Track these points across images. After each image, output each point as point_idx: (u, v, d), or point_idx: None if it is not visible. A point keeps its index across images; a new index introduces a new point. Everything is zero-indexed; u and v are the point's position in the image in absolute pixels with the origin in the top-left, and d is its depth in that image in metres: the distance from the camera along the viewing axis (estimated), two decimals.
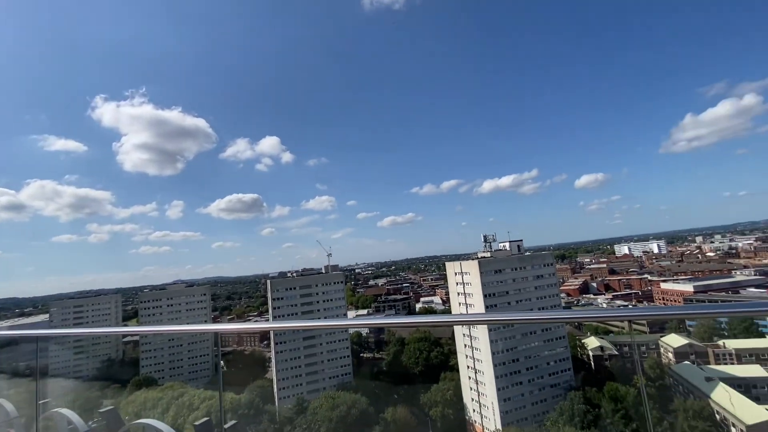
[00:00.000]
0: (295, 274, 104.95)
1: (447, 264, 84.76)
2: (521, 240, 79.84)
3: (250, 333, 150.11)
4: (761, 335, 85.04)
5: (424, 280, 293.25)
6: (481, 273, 71.74)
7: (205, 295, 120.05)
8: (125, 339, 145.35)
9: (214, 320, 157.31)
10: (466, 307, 75.47)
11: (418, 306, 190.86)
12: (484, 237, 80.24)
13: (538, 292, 75.68)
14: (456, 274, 78.17)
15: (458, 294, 77.91)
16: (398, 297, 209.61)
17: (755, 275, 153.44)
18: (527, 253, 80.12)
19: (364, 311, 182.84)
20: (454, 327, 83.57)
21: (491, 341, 69.50)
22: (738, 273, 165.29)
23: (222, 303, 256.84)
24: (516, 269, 74.86)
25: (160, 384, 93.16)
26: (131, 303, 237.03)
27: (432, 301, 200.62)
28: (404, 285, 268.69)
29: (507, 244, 79.69)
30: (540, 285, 76.18)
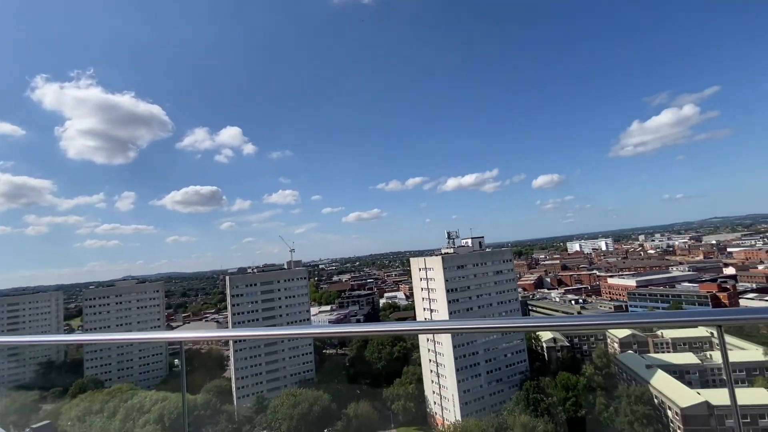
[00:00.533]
0: (255, 270, 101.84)
1: (411, 260, 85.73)
2: (482, 237, 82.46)
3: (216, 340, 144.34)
4: (694, 326, 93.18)
5: (388, 276, 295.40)
6: (444, 269, 73.21)
7: (158, 292, 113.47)
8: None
9: (168, 318, 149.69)
10: (429, 302, 76.77)
11: (382, 301, 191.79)
12: (448, 233, 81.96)
13: (498, 287, 78.42)
14: (420, 269, 79.25)
15: (422, 289, 79.07)
16: (362, 293, 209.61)
17: (689, 271, 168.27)
18: (488, 250, 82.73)
19: (328, 307, 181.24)
20: (417, 319, 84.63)
21: (452, 335, 71.17)
22: (674, 269, 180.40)
23: (177, 300, 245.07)
24: (477, 265, 77.10)
25: (107, 387, 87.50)
26: (74, 301, 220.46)
27: (396, 296, 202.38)
28: (368, 280, 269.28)
29: (469, 241, 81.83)
30: (499, 280, 78.97)
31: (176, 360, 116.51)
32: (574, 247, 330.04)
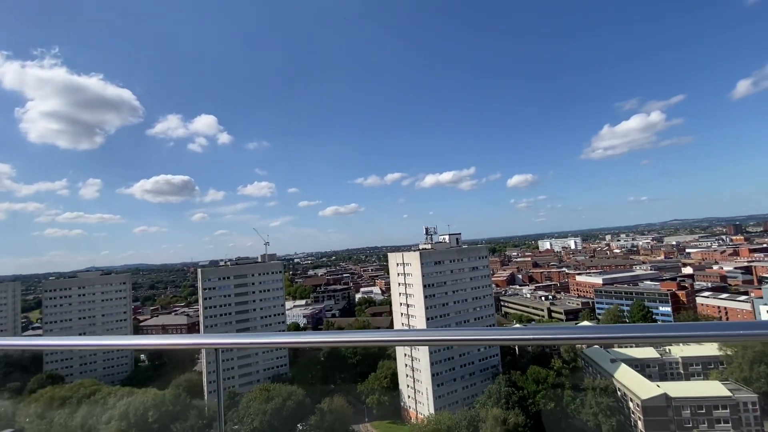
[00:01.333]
0: (229, 263, 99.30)
1: (389, 255, 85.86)
2: (459, 233, 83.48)
3: (196, 348, 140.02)
4: (654, 321, 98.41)
5: (364, 271, 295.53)
6: (422, 264, 73.76)
7: (124, 284, 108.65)
8: (26, 333, 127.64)
9: (135, 311, 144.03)
10: (406, 297, 77.25)
11: (358, 296, 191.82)
12: (426, 229, 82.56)
13: (473, 282, 79.78)
14: (398, 264, 79.52)
15: (399, 284, 79.42)
16: (338, 287, 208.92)
17: (651, 270, 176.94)
18: (464, 246, 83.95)
19: (303, 302, 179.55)
20: (393, 315, 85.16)
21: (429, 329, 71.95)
22: (637, 268, 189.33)
23: (145, 292, 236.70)
24: (454, 261, 78.12)
25: (68, 382, 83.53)
26: (33, 292, 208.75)
27: (372, 291, 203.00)
28: (344, 275, 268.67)
29: (447, 237, 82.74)
30: (475, 276, 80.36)
31: (142, 355, 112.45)
32: (545, 245, 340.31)
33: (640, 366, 70.91)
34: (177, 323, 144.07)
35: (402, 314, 79.03)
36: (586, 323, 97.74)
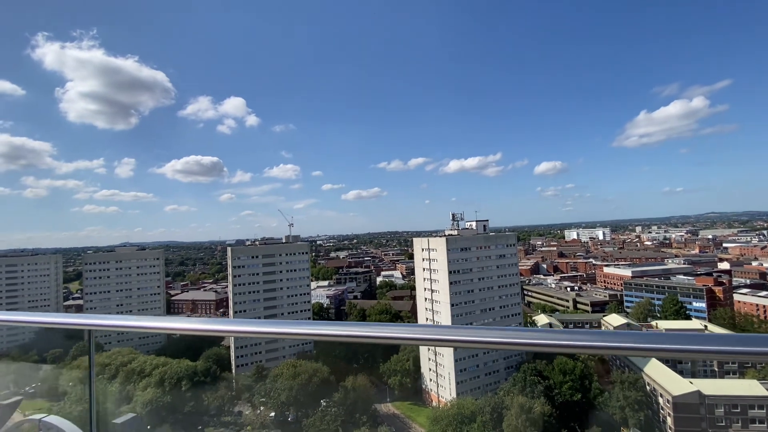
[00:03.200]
0: (257, 242, 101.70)
1: (414, 240, 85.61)
2: (487, 220, 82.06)
3: (213, 334, 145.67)
4: (688, 317, 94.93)
5: (385, 255, 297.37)
6: (448, 250, 73.20)
7: (158, 259, 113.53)
8: (66, 302, 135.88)
9: (167, 286, 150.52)
10: (431, 282, 77.17)
11: (379, 279, 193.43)
12: (453, 215, 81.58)
13: (500, 270, 78.75)
14: (423, 250, 79.25)
15: (423, 270, 79.30)
16: (359, 270, 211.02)
17: (684, 264, 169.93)
18: (492, 233, 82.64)
19: (325, 283, 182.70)
20: (417, 299, 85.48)
21: (453, 316, 72.02)
22: (670, 261, 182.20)
23: (175, 268, 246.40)
24: (481, 248, 77.16)
25: (107, 350, 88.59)
26: (72, 264, 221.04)
27: (392, 275, 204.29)
28: (365, 258, 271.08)
29: (474, 224, 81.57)
30: (501, 264, 79.25)
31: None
32: (571, 235, 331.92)
33: (672, 362, 68.85)
34: (206, 299, 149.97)
35: (426, 299, 79.16)
36: (614, 316, 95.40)
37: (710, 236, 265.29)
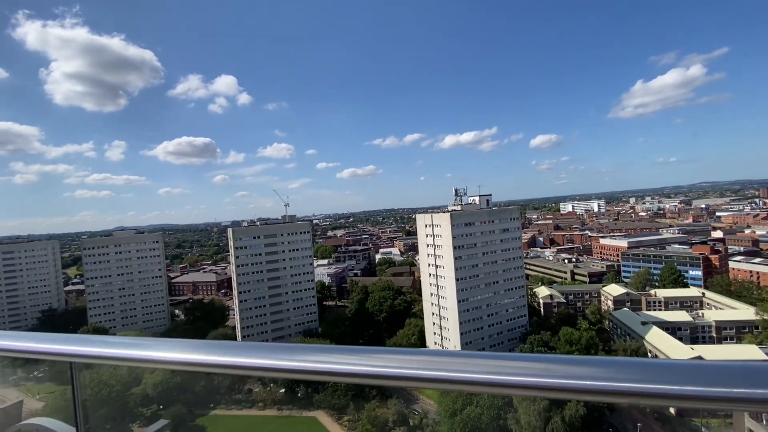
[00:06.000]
0: (257, 223, 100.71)
1: (417, 216, 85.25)
2: (490, 194, 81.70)
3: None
4: (686, 285, 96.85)
5: (382, 232, 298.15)
6: (452, 225, 73.00)
7: (157, 242, 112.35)
8: (67, 288, 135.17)
9: (166, 269, 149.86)
10: (435, 258, 77.36)
11: (378, 257, 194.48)
12: (456, 190, 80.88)
13: (503, 245, 79.07)
14: (426, 226, 79.01)
15: (427, 246, 79.32)
16: (358, 248, 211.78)
17: (679, 234, 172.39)
18: (495, 208, 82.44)
19: (325, 261, 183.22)
20: (421, 275, 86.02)
21: (458, 290, 72.60)
22: (664, 231, 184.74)
23: (172, 251, 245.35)
24: (485, 222, 77.08)
25: (111, 333, 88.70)
26: (67, 250, 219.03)
27: (391, 252, 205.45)
28: (363, 236, 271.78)
29: (477, 199, 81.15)
30: (505, 238, 79.50)
31: (176, 310, 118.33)
32: (566, 208, 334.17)
33: (671, 329, 70.61)
34: (207, 280, 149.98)
35: (430, 275, 79.56)
36: (613, 286, 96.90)
37: (703, 205, 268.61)
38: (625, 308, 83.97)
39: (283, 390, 72.30)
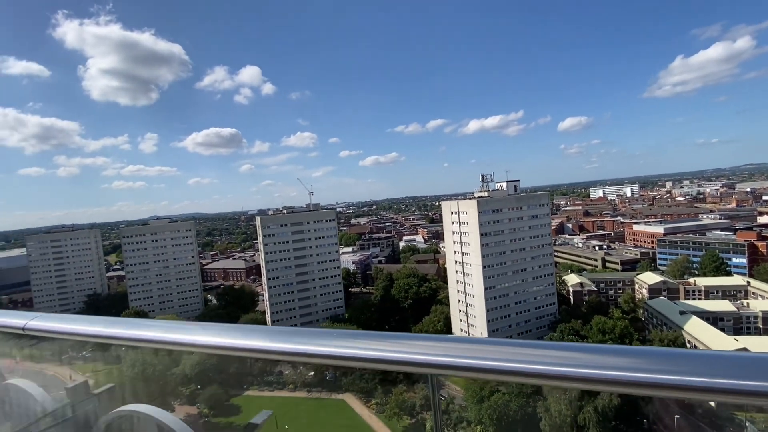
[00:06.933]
0: (284, 211, 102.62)
1: (443, 203, 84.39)
2: (518, 180, 79.62)
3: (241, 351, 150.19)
4: (729, 274, 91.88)
5: (405, 220, 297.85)
6: (479, 212, 71.82)
7: (189, 230, 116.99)
8: (109, 274, 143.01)
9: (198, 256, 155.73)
10: (461, 245, 76.59)
11: (401, 244, 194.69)
12: (482, 176, 79.25)
13: (532, 231, 77.22)
14: (452, 213, 78.10)
15: (453, 233, 78.54)
16: (382, 235, 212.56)
17: (720, 219, 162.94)
18: (523, 194, 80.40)
19: (349, 249, 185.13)
20: (447, 266, 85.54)
21: (485, 278, 71.79)
22: (705, 216, 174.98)
23: (202, 239, 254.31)
24: (513, 209, 75.40)
25: (151, 317, 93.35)
26: (107, 238, 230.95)
27: (414, 240, 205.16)
28: (386, 224, 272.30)
29: (504, 185, 79.24)
30: (534, 225, 77.57)
31: (209, 295, 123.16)
32: (597, 193, 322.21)
33: (713, 319, 67.40)
34: (236, 267, 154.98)
35: (456, 262, 78.95)
36: (648, 274, 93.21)
37: (748, 189, 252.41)
38: (661, 297, 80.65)
39: (312, 373, 74.52)
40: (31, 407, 4.04)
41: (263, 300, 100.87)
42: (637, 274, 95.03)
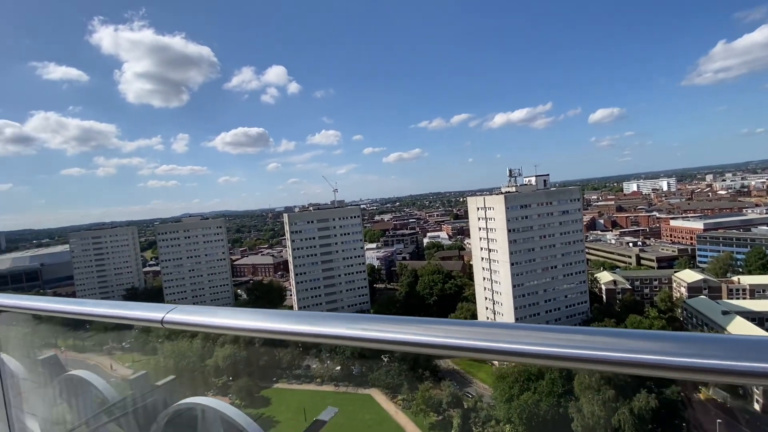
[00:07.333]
0: (310, 208, 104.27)
1: (468, 199, 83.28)
2: (548, 174, 77.39)
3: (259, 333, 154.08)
4: None
5: (429, 216, 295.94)
6: (506, 208, 70.41)
7: (220, 227, 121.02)
8: (145, 269, 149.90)
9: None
10: (488, 242, 75.38)
11: (425, 240, 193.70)
12: (510, 171, 77.50)
13: (562, 227, 75.04)
14: (479, 208, 76.92)
15: (480, 229, 77.37)
16: (405, 232, 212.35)
17: (767, 214, 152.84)
18: (553, 189, 78.17)
19: (373, 245, 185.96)
20: (473, 262, 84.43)
21: (512, 275, 70.44)
22: (749, 211, 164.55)
23: (232, 236, 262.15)
24: (542, 204, 73.45)
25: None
26: (143, 235, 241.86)
27: (438, 236, 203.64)
28: (410, 220, 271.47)
29: (533, 179, 77.24)
30: (564, 221, 75.32)
31: (239, 290, 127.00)
32: (631, 187, 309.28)
33: (759, 319, 63.55)
34: (265, 263, 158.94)
35: (483, 259, 77.82)
36: (687, 272, 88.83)
37: None
38: (701, 296, 76.71)
39: (339, 367, 75.47)
40: (95, 398, 4.20)
41: (291, 295, 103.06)
42: (675, 272, 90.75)
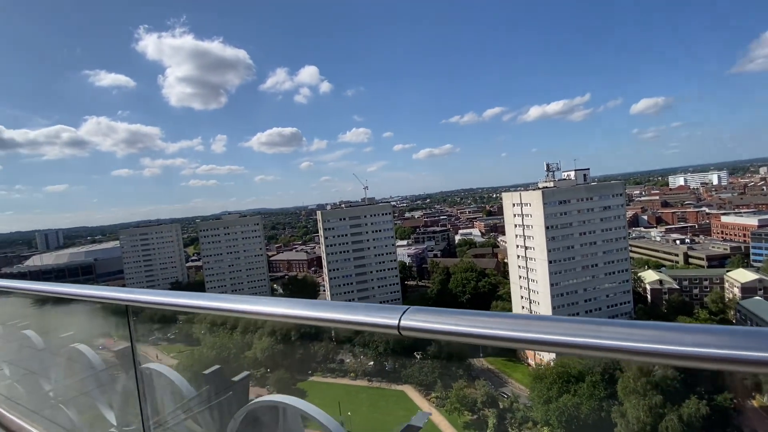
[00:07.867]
0: (343, 205, 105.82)
1: (504, 194, 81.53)
2: (588, 169, 74.31)
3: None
4: None
5: (461, 213, 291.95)
6: (544, 204, 68.31)
7: (257, 225, 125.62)
8: (188, 264, 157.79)
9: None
10: (524, 239, 73.54)
11: (457, 238, 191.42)
12: (547, 165, 74.99)
13: (604, 224, 71.90)
14: (514, 205, 75.12)
15: (515, 226, 75.59)
16: (437, 229, 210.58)
17: None
18: (593, 183, 75.02)
19: (404, 242, 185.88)
20: (508, 260, 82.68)
21: (550, 273, 68.42)
22: None
23: (268, 233, 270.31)
24: (582, 200, 70.68)
25: None
26: (186, 232, 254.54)
27: (471, 233, 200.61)
28: (441, 217, 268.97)
29: (572, 174, 74.37)
30: (606, 217, 72.12)
31: (275, 285, 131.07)
32: (677, 181, 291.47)
33: None
34: (299, 258, 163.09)
35: (519, 257, 76.04)
36: (740, 271, 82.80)
37: None
38: (756, 297, 71.42)
39: (371, 363, 76.38)
40: (171, 392, 4.37)
41: (324, 290, 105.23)
42: (727, 271, 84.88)
